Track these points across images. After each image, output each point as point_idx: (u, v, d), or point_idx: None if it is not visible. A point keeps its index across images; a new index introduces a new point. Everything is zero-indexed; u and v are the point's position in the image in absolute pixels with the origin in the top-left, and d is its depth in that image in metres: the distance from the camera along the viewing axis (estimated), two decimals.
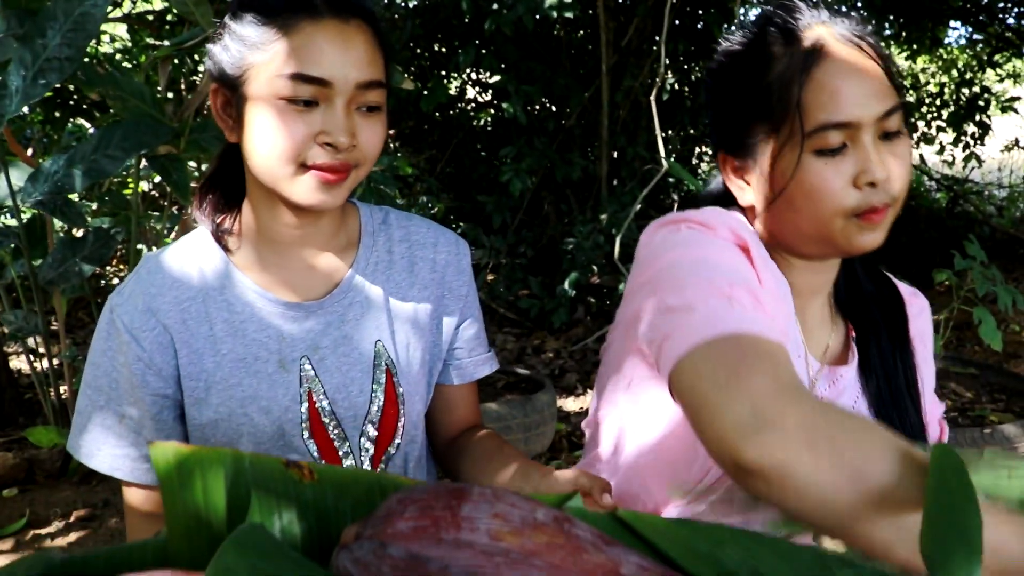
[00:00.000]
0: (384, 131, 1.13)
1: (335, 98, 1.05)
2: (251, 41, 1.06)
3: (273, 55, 1.04)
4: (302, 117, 1.05)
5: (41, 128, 4.97)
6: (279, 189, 1.10)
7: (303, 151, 1.06)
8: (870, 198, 1.00)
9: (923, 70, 8.97)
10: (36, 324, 2.96)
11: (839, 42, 1.02)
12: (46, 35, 2.12)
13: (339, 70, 1.04)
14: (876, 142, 1.00)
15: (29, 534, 3.16)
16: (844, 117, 0.98)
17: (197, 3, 2.52)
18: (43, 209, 2.39)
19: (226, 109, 1.13)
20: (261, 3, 1.06)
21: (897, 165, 1.01)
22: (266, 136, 1.06)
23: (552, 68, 5.36)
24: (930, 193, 7.61)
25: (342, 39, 1.05)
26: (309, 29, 1.04)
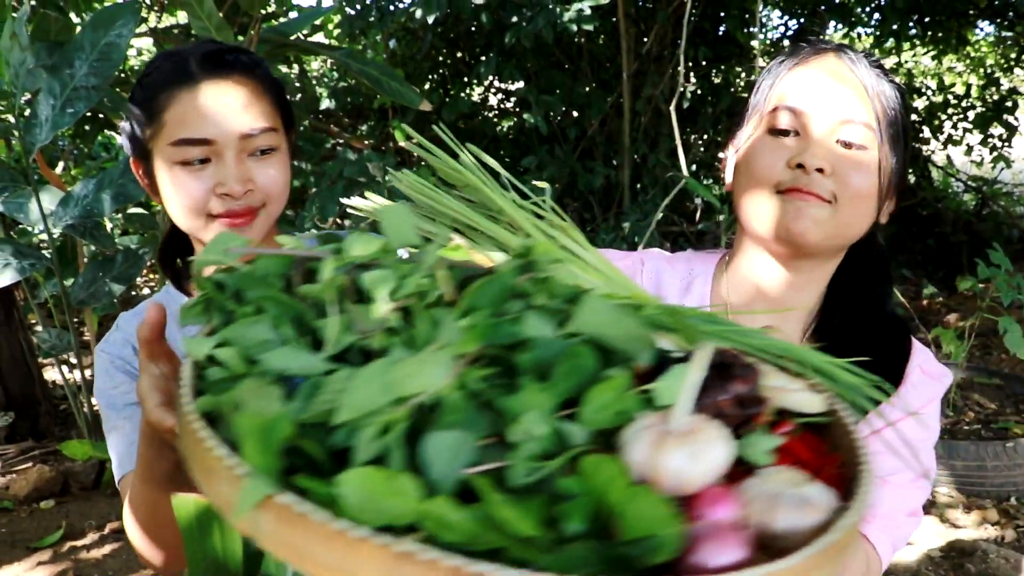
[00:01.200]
0: (283, 168, 1.21)
1: (223, 152, 1.15)
2: (145, 117, 1.17)
3: (162, 126, 1.15)
4: (198, 175, 1.15)
5: (72, 142, 5.07)
6: (199, 239, 1.22)
7: (205, 204, 1.16)
8: (799, 179, 1.06)
9: (949, 69, 8.88)
10: (69, 341, 3.03)
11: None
12: (73, 65, 2.18)
13: (219, 127, 1.14)
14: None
15: (65, 546, 3.23)
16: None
17: (219, 28, 2.58)
18: (74, 232, 2.46)
19: (144, 178, 1.24)
20: (147, 83, 1.18)
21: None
22: (172, 197, 1.17)
23: (573, 76, 5.38)
24: (958, 195, 7.53)
25: (218, 98, 1.15)
26: (187, 96, 1.15)
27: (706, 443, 0.49)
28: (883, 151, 1.07)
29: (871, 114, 1.06)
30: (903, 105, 1.12)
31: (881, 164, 1.07)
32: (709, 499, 0.48)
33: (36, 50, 2.37)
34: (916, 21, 6.21)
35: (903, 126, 1.11)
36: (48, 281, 3.69)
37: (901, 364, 1.12)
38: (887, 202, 1.13)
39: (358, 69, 2.99)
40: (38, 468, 3.67)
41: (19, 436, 4.06)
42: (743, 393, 0.55)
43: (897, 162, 1.10)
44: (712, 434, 0.50)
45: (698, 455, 0.48)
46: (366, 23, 4.97)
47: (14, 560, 3.13)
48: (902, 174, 1.14)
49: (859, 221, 1.09)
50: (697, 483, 0.48)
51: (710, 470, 0.48)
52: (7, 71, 2.22)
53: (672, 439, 0.48)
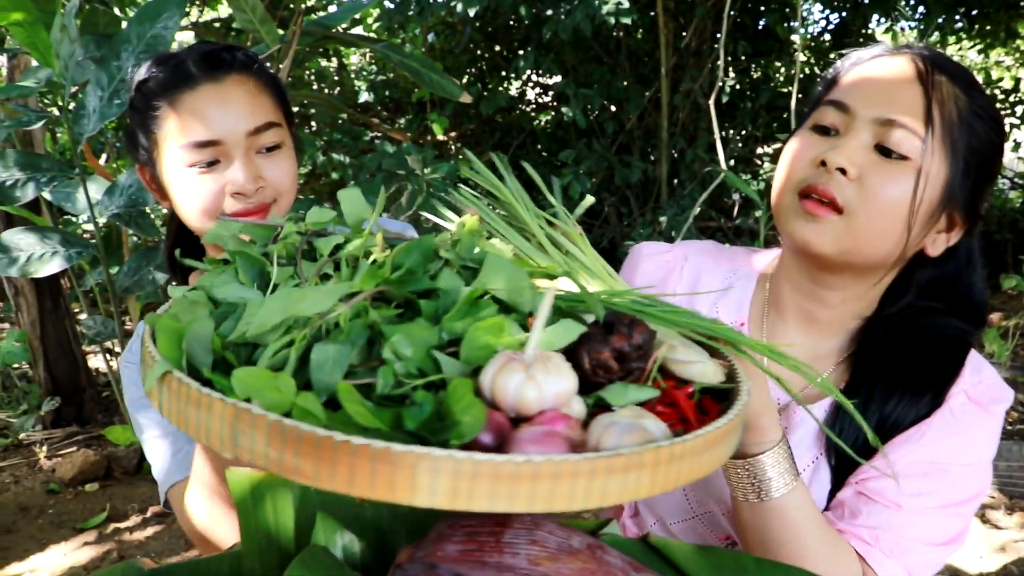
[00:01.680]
0: (291, 163, 1.22)
1: (231, 151, 1.15)
2: (147, 124, 1.17)
3: (167, 131, 1.15)
4: (208, 177, 1.15)
5: (115, 133, 5.16)
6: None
7: (218, 205, 1.16)
8: (819, 177, 1.00)
9: (997, 63, 8.71)
10: (113, 329, 3.09)
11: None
12: (120, 57, 2.22)
13: (224, 127, 1.14)
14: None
15: (109, 527, 3.30)
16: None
17: (263, 21, 2.61)
18: (119, 221, 2.51)
19: (151, 184, 1.24)
20: (146, 89, 1.18)
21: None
22: (184, 201, 1.17)
23: (611, 70, 5.37)
24: (1004, 193, 7.39)
25: (220, 98, 1.15)
26: (189, 99, 1.15)
27: (545, 374, 0.56)
28: (932, 165, 0.96)
29: (921, 122, 0.96)
30: (993, 130, 1.01)
31: (922, 179, 0.96)
32: (543, 418, 0.55)
33: (85, 42, 2.42)
34: (963, 14, 6.09)
35: (978, 150, 0.99)
36: (93, 269, 3.76)
37: (942, 388, 1.04)
38: (932, 228, 1.01)
39: (399, 61, 3.01)
40: (83, 452, 3.75)
41: (64, 421, 4.16)
42: (622, 348, 0.64)
43: (953, 183, 0.98)
44: (554, 368, 0.57)
45: (537, 382, 0.55)
46: (405, 17, 5.00)
47: (61, 540, 3.21)
48: (968, 200, 1.01)
49: (879, 239, 0.99)
50: (533, 406, 0.55)
51: (546, 395, 0.56)
52: (57, 63, 2.27)
53: (516, 366, 0.56)
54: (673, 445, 0.52)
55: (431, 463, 0.47)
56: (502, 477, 0.47)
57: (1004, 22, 6.35)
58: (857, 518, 1.01)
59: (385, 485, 0.47)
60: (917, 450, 1.01)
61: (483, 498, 0.48)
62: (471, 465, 0.47)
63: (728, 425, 0.57)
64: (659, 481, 0.52)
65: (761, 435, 0.91)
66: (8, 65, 3.40)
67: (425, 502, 0.48)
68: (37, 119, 2.38)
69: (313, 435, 0.47)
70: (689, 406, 0.64)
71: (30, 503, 3.49)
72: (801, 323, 1.14)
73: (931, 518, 1.01)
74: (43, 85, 2.43)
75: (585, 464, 0.49)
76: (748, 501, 0.94)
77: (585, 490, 0.49)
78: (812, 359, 1.13)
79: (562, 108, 5.27)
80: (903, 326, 1.08)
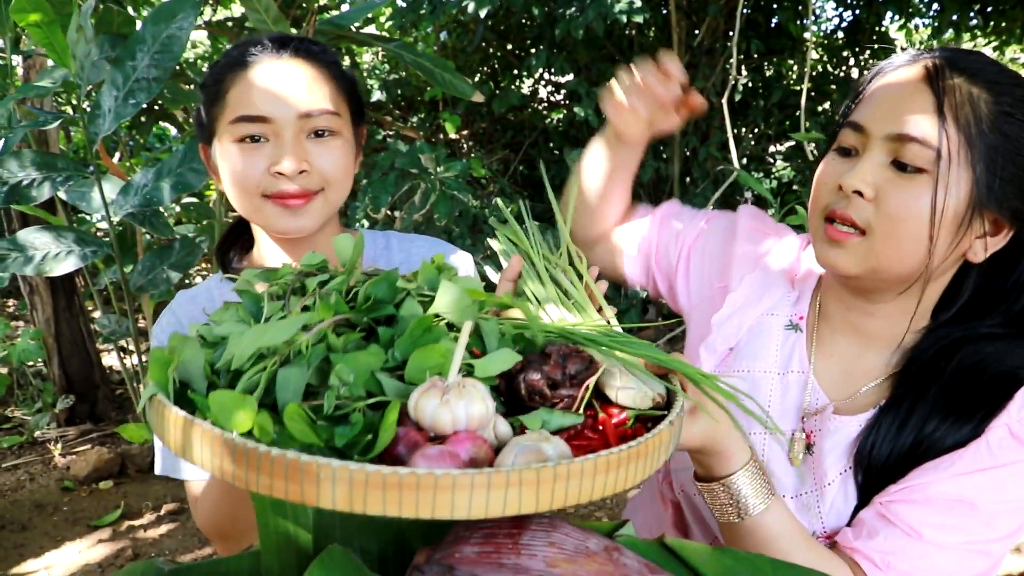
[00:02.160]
0: (343, 154, 1.20)
1: (281, 131, 1.15)
2: (210, 100, 1.19)
3: (224, 107, 1.17)
4: (253, 153, 1.15)
5: (128, 133, 5.18)
6: (254, 222, 1.23)
7: (260, 183, 1.16)
8: (839, 202, 1.00)
9: (1012, 60, 8.65)
10: (127, 327, 3.11)
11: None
12: (135, 57, 2.23)
13: (277, 105, 1.14)
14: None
15: (124, 525, 3.33)
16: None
17: (276, 20, 2.62)
18: (133, 220, 2.52)
19: (209, 163, 1.25)
20: (215, 68, 1.20)
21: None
22: (228, 176, 1.18)
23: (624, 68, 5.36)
24: None
25: (277, 76, 1.15)
26: (248, 75, 1.16)
27: (459, 399, 0.62)
28: (951, 176, 0.94)
29: (936, 133, 0.93)
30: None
31: (940, 190, 0.94)
32: (454, 439, 0.60)
33: (99, 42, 2.44)
34: (977, 11, 6.05)
35: (1010, 148, 0.95)
36: (108, 268, 3.78)
37: (985, 418, 0.98)
38: (966, 235, 0.98)
39: (411, 60, 3.02)
40: (97, 450, 3.78)
41: (78, 419, 4.19)
42: (555, 377, 0.71)
43: (981, 187, 0.95)
44: (468, 394, 0.62)
45: (451, 407, 0.61)
46: (417, 16, 5.00)
47: (76, 537, 3.23)
48: (1008, 200, 0.97)
49: (904, 255, 0.97)
50: (447, 427, 0.61)
51: (459, 418, 0.61)
52: (73, 63, 2.28)
53: (435, 392, 0.62)
54: (558, 466, 0.56)
55: (330, 472, 0.54)
56: (390, 486, 0.54)
57: (1020, 18, 6.30)
58: (873, 539, 0.99)
59: (298, 491, 0.55)
60: (945, 480, 0.97)
61: (376, 504, 0.54)
62: (363, 475, 0.54)
63: (616, 456, 0.60)
64: (544, 498, 0.56)
65: (727, 459, 0.94)
66: (24, 66, 3.43)
67: (328, 505, 0.55)
68: (53, 119, 2.39)
69: (244, 447, 0.56)
70: (613, 433, 0.70)
71: (45, 500, 3.52)
72: (848, 333, 1.13)
73: (951, 553, 0.97)
74: (59, 85, 2.45)
75: (464, 478, 0.54)
76: (729, 521, 0.97)
77: (466, 502, 0.54)
78: (857, 370, 1.11)
79: (574, 107, 5.26)
80: (954, 349, 1.03)
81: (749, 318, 1.17)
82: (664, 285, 1.34)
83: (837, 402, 1.10)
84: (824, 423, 1.08)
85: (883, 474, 1.01)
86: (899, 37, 6.98)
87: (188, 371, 0.66)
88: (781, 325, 1.16)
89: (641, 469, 0.63)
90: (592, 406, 0.73)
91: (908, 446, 1.00)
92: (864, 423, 1.05)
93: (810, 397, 1.12)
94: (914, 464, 1.00)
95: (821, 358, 1.14)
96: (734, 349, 1.17)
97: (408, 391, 0.65)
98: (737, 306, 1.18)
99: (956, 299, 1.06)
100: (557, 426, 0.69)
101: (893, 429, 1.01)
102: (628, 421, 0.73)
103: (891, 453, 1.01)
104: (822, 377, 1.13)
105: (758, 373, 1.14)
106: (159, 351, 0.66)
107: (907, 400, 1.02)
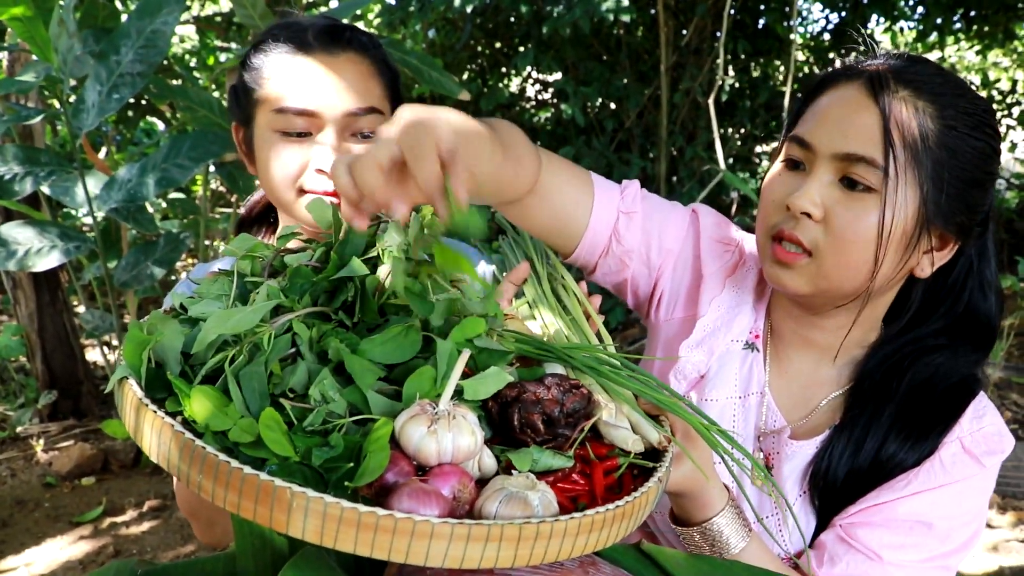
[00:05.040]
0: None
1: (325, 127, 1.12)
2: (254, 82, 1.15)
3: (269, 92, 1.13)
4: (296, 147, 1.12)
5: (115, 127, 5.15)
6: (286, 212, 1.19)
7: (298, 178, 1.13)
8: (787, 222, 0.99)
9: (995, 65, 8.70)
10: (111, 323, 3.10)
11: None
12: (120, 52, 2.22)
13: (325, 101, 1.11)
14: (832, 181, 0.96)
15: (106, 522, 3.31)
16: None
17: (263, 16, 2.61)
18: (117, 216, 2.51)
19: (243, 145, 1.22)
20: (261, 47, 1.15)
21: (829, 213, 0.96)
22: (267, 166, 1.14)
23: (611, 68, 5.37)
24: (1000, 193, 7.39)
25: (329, 72, 1.12)
26: (298, 66, 1.12)
27: (446, 430, 0.59)
28: (899, 195, 0.93)
29: (882, 152, 0.92)
30: (976, 136, 0.95)
31: (888, 210, 0.92)
32: (439, 471, 0.58)
33: (84, 37, 2.42)
34: (961, 15, 6.09)
35: (956, 163, 0.94)
36: (92, 264, 3.76)
37: (939, 434, 1.00)
38: (914, 251, 0.97)
39: (399, 58, 3.01)
40: (79, 446, 3.76)
41: (61, 415, 4.16)
42: (552, 413, 0.67)
43: (929, 203, 0.94)
44: (457, 426, 0.59)
45: (437, 438, 0.58)
46: (406, 13, 4.99)
47: (57, 534, 3.21)
48: (954, 215, 0.96)
49: (852, 272, 0.97)
50: (432, 458, 0.59)
51: (444, 450, 0.59)
52: (55, 58, 2.27)
53: (422, 419, 0.59)
54: (541, 524, 0.54)
55: (303, 502, 0.51)
56: (365, 527, 0.51)
57: (1002, 23, 6.35)
58: (836, 566, 1.00)
59: (266, 514, 0.51)
60: (902, 501, 0.99)
61: (348, 542, 0.51)
62: (337, 510, 0.51)
63: (602, 516, 0.58)
64: (522, 554, 0.54)
65: (705, 504, 0.93)
66: (8, 59, 3.40)
67: (298, 535, 0.51)
68: (36, 114, 2.38)
69: (215, 458, 0.53)
70: (600, 481, 0.67)
71: (26, 496, 3.50)
72: (800, 347, 1.13)
73: (911, 571, 0.99)
74: (42, 80, 2.43)
75: (444, 528, 0.52)
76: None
77: (442, 552, 0.52)
78: (814, 384, 1.12)
79: (562, 105, 5.26)
80: (903, 362, 1.04)
81: (719, 345, 1.14)
82: (641, 291, 1.23)
83: (793, 423, 1.10)
84: (781, 447, 1.08)
85: (840, 495, 1.02)
86: (884, 40, 7.02)
87: (165, 353, 0.64)
88: (739, 347, 1.14)
89: (625, 528, 0.61)
90: (583, 444, 0.70)
91: (866, 467, 1.00)
92: (818, 445, 1.06)
93: (766, 417, 1.12)
94: (873, 484, 1.00)
95: (777, 376, 1.14)
96: (704, 376, 1.14)
97: (394, 408, 0.62)
98: (707, 331, 1.14)
99: (906, 309, 1.06)
100: (546, 467, 0.66)
101: (848, 451, 1.02)
102: (618, 467, 0.70)
103: (848, 474, 1.01)
104: (779, 395, 1.12)
105: (723, 400, 1.12)
106: (136, 329, 0.63)
107: (861, 420, 1.03)
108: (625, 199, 1.14)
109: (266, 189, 1.19)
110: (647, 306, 1.22)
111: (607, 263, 1.15)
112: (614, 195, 1.13)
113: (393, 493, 0.56)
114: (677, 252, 1.17)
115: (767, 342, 1.15)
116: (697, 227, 1.18)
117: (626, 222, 1.13)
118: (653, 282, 1.19)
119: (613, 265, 1.16)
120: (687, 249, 1.18)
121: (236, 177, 2.82)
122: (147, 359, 0.62)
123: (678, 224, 1.18)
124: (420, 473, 0.59)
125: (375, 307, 0.72)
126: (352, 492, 0.56)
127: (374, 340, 0.68)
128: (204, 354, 0.63)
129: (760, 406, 1.12)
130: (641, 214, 1.14)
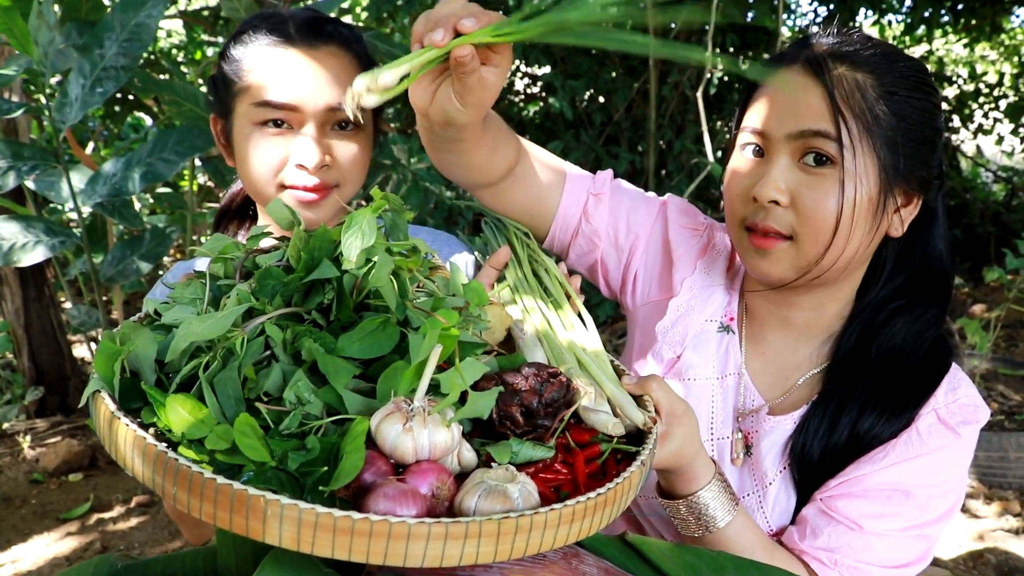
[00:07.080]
0: (363, 149, 1.18)
1: (306, 121, 1.11)
2: (233, 74, 1.14)
3: (249, 85, 1.12)
4: (275, 141, 1.12)
5: (102, 122, 5.12)
6: (264, 206, 1.18)
7: (278, 172, 1.13)
8: (757, 213, 1.00)
9: (982, 58, 8.74)
10: (97, 318, 3.08)
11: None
12: (103, 45, 2.20)
13: (305, 94, 1.10)
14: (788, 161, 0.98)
15: (93, 518, 3.29)
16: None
17: (249, 10, 2.60)
18: (102, 211, 2.49)
19: (221, 137, 1.21)
20: (241, 38, 1.14)
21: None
22: (246, 160, 1.14)
23: (599, 62, 5.36)
24: (987, 185, 7.42)
25: (310, 65, 1.11)
26: (279, 58, 1.11)
27: (422, 427, 0.58)
28: (857, 166, 0.95)
29: (832, 124, 0.95)
30: (916, 97, 0.98)
31: (849, 181, 0.95)
32: (417, 468, 0.58)
33: (67, 30, 2.40)
34: (948, 8, 6.11)
35: (904, 126, 0.97)
36: (78, 259, 3.74)
37: (914, 406, 1.03)
38: (885, 215, 1.00)
39: (386, 51, 3.00)
40: (67, 442, 3.74)
41: (48, 411, 4.14)
42: (530, 405, 0.67)
43: (887, 167, 0.97)
44: (433, 422, 0.59)
45: (413, 435, 0.58)
46: (393, 6, 4.97)
47: (44, 530, 3.20)
48: (912, 173, 1.00)
49: (835, 250, 0.99)
50: (409, 456, 0.58)
51: (421, 447, 0.58)
52: (35, 51, 2.24)
53: (397, 416, 0.59)
54: (520, 517, 0.54)
55: (277, 509, 0.51)
56: (341, 531, 0.50)
57: (989, 17, 6.38)
58: (818, 538, 1.01)
59: (242, 524, 0.52)
60: (880, 471, 1.01)
61: (325, 547, 0.51)
62: (312, 515, 0.51)
63: (583, 505, 0.58)
64: (503, 549, 0.53)
65: (692, 478, 0.94)
66: None
67: (275, 542, 0.51)
68: (17, 107, 2.36)
69: (188, 470, 0.53)
70: (582, 469, 0.67)
71: (13, 493, 3.48)
72: (777, 328, 1.14)
73: (892, 541, 1.00)
74: (22, 73, 2.41)
75: (420, 528, 0.51)
76: (692, 535, 0.97)
77: (421, 552, 0.52)
78: (791, 364, 1.13)
79: (550, 99, 5.26)
80: (870, 330, 1.07)
81: (694, 324, 1.15)
82: (612, 274, 1.24)
83: (772, 401, 1.11)
84: (760, 424, 1.09)
85: (819, 470, 1.03)
86: (872, 33, 7.03)
87: (138, 362, 0.63)
88: (714, 327, 1.16)
89: (608, 515, 0.61)
90: (564, 432, 0.70)
91: (843, 442, 1.02)
92: (796, 420, 1.07)
93: (744, 397, 1.13)
94: (851, 459, 1.02)
95: (754, 357, 1.15)
96: (680, 356, 1.15)
97: (371, 406, 0.62)
98: (681, 311, 1.16)
99: (880, 274, 1.08)
100: (526, 458, 0.66)
101: (824, 426, 1.03)
102: (600, 454, 0.70)
103: (825, 449, 1.03)
104: (756, 376, 1.14)
105: (702, 380, 1.13)
106: (108, 340, 0.63)
107: (836, 395, 1.05)
108: (596, 183, 1.17)
109: (245, 183, 1.18)
110: (622, 291, 1.24)
111: (579, 244, 1.18)
112: (586, 179, 1.17)
113: (370, 494, 0.55)
114: (647, 236, 1.19)
115: (742, 324, 1.17)
116: (665, 214, 1.21)
117: (595, 203, 1.16)
118: (624, 265, 1.21)
119: (584, 246, 1.18)
120: (656, 234, 1.20)
121: (223, 172, 2.80)
122: (120, 370, 0.62)
123: (648, 210, 1.20)
124: (399, 471, 0.59)
125: (351, 305, 0.71)
126: (330, 495, 0.56)
127: (351, 336, 0.67)
128: (178, 362, 0.63)
129: (738, 387, 1.13)
130: (609, 195, 1.17)
